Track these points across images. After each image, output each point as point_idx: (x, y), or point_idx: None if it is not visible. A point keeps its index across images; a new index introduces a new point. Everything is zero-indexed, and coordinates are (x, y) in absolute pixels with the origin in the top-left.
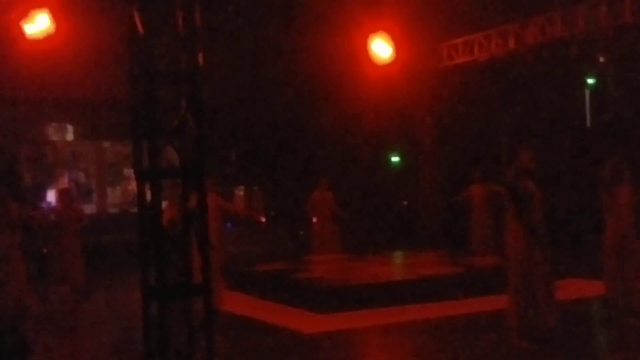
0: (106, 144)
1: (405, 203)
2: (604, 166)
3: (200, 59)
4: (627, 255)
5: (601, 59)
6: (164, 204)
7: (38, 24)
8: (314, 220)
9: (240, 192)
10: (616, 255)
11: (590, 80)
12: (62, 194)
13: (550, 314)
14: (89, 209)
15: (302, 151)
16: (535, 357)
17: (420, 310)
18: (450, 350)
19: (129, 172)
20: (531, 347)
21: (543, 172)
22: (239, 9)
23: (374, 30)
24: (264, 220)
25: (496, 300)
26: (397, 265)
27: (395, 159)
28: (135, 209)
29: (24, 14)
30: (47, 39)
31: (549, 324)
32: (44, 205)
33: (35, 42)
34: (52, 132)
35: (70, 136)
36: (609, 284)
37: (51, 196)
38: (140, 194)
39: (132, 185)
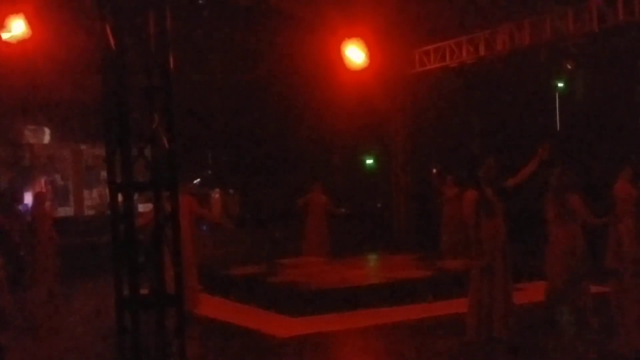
0: (83, 147)
1: (379, 205)
2: (552, 173)
3: (172, 71)
4: (576, 260)
5: (569, 65)
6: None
7: (14, 29)
8: (307, 223)
9: (216, 195)
10: (564, 260)
11: (559, 84)
12: (37, 198)
13: (507, 319)
14: (66, 211)
15: (277, 155)
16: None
17: (392, 313)
18: (421, 352)
19: (105, 175)
20: (491, 350)
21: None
22: (213, 15)
23: (348, 36)
24: (232, 226)
25: (465, 303)
26: (370, 269)
27: (369, 161)
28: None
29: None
30: (23, 43)
31: (504, 328)
32: (20, 208)
33: (11, 46)
34: (29, 135)
35: (47, 139)
36: (553, 287)
37: (28, 199)
38: (113, 205)
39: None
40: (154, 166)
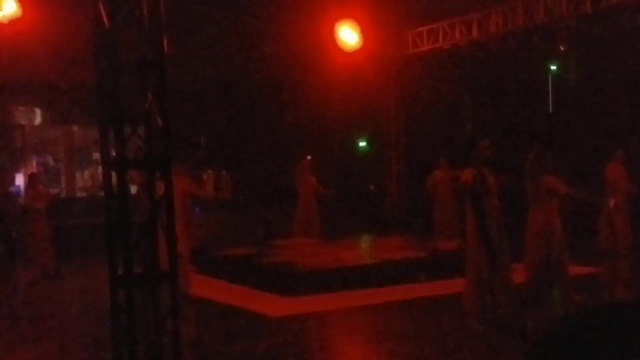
0: (75, 128)
1: (372, 188)
2: (528, 155)
3: (165, 50)
4: (552, 241)
5: (562, 47)
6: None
7: (5, 9)
8: (298, 204)
9: (208, 176)
10: (540, 241)
11: (552, 67)
12: (31, 179)
13: (507, 299)
14: (58, 193)
15: (270, 137)
16: (492, 341)
17: (385, 293)
18: (413, 332)
19: (97, 156)
20: (488, 330)
21: (504, 158)
22: None
23: (341, 17)
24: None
25: (458, 283)
26: (363, 250)
27: (362, 144)
28: (103, 194)
29: None
30: (15, 23)
31: (505, 308)
32: (12, 189)
33: (3, 26)
34: (20, 116)
35: (38, 120)
36: (530, 268)
37: (19, 180)
38: (107, 183)
39: (101, 170)
40: (147, 144)
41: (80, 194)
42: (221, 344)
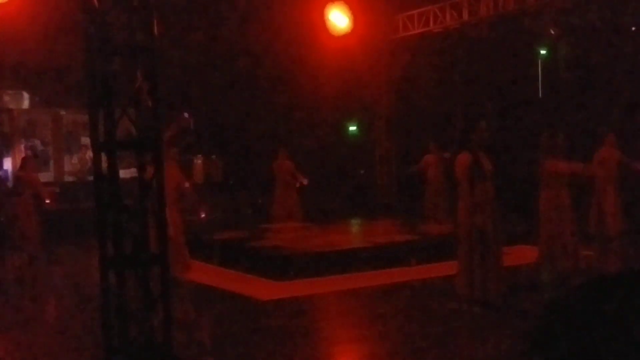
0: (63, 112)
1: (362, 172)
2: (541, 137)
3: (155, 31)
4: (562, 222)
5: (552, 32)
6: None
7: None
8: (275, 189)
9: (198, 160)
10: (550, 223)
11: (542, 52)
12: (23, 162)
13: (498, 281)
14: (46, 177)
15: (260, 120)
16: (484, 322)
17: (376, 276)
18: (404, 315)
19: (86, 140)
20: (481, 312)
21: (495, 142)
22: None
23: (332, 0)
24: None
25: (449, 266)
26: (353, 233)
27: (352, 128)
28: (92, 178)
29: None
30: (2, 6)
31: (496, 291)
32: (0, 174)
33: None
34: (7, 100)
35: (26, 104)
36: (542, 249)
37: (7, 165)
38: (97, 165)
39: (90, 154)
40: (137, 125)
41: (68, 178)
42: (212, 327)
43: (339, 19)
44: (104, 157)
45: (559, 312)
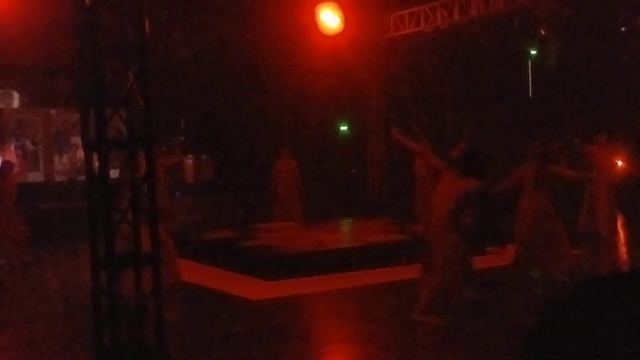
0: (53, 112)
1: (354, 171)
2: (534, 144)
3: (147, 30)
4: (547, 225)
5: (542, 32)
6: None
7: None
8: (278, 188)
9: (189, 160)
10: (529, 227)
11: (532, 51)
12: (4, 167)
13: (468, 287)
14: (36, 177)
15: (251, 120)
16: (476, 320)
17: (367, 276)
18: (395, 314)
19: (76, 139)
20: (473, 310)
21: (484, 142)
22: None
23: (323, 0)
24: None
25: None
26: (344, 233)
27: (343, 128)
28: (83, 177)
29: None
30: None
31: (466, 296)
32: None
33: None
34: None
35: (16, 103)
36: (520, 252)
37: None
38: (88, 165)
39: (80, 153)
40: (129, 124)
41: (59, 178)
42: (203, 326)
43: (329, 19)
44: (95, 157)
45: (556, 314)
